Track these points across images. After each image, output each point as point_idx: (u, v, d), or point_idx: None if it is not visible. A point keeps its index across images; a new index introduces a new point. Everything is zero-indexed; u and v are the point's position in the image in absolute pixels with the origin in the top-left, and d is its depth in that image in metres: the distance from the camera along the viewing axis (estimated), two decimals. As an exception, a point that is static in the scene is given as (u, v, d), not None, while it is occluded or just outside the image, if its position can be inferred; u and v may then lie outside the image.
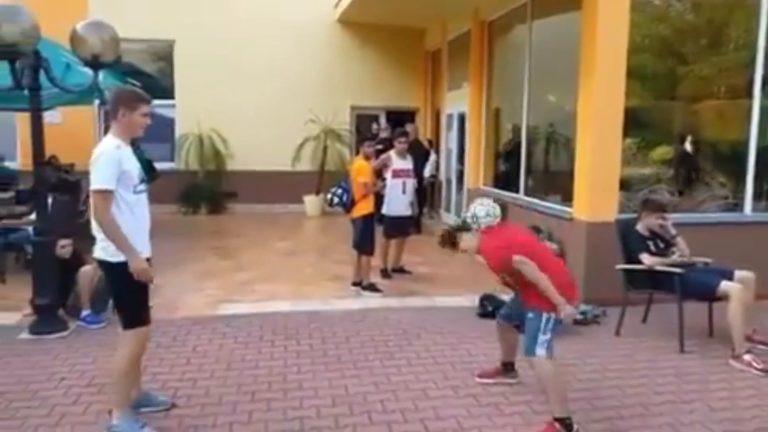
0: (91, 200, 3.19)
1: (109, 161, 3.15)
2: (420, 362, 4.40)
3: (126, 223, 3.19)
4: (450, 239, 3.77)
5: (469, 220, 3.67)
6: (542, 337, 3.36)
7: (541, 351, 3.35)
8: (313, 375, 4.15)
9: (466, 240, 3.70)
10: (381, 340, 4.85)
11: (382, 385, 4.00)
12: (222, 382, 4.02)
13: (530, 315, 3.43)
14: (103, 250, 3.22)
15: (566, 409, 3.35)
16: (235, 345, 4.71)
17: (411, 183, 6.99)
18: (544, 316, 3.37)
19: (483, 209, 3.65)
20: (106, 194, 3.13)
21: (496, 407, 3.70)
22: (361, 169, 6.35)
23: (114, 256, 3.19)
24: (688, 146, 6.99)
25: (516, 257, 3.40)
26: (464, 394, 3.88)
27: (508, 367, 4.06)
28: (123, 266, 3.17)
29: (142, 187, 3.34)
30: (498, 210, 3.68)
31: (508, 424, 3.49)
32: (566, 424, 3.30)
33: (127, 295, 3.27)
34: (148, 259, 3.35)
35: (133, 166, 3.28)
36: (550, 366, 3.36)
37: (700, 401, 3.83)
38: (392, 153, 6.96)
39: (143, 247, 3.31)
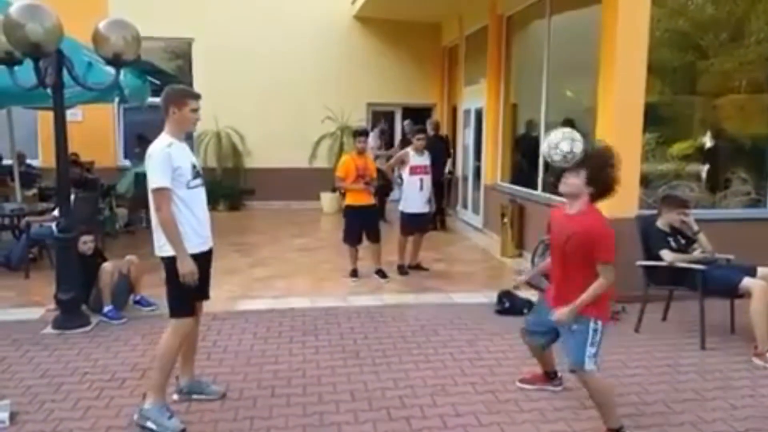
0: (150, 198, 3.32)
1: (160, 161, 3.27)
2: (438, 358, 4.40)
3: (183, 218, 3.33)
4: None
5: (568, 157, 3.16)
6: (591, 350, 3.15)
7: (591, 365, 3.15)
8: (332, 370, 4.17)
9: (571, 180, 3.20)
10: (399, 337, 4.85)
11: (400, 381, 4.01)
12: (242, 377, 4.06)
13: (575, 327, 3.18)
14: (160, 246, 3.36)
15: (618, 419, 3.25)
16: (254, 340, 4.75)
17: (428, 180, 6.98)
18: (592, 325, 3.16)
19: (580, 145, 3.16)
20: (163, 192, 3.27)
21: (516, 404, 3.69)
22: (341, 163, 6.74)
23: (168, 251, 3.33)
24: (708, 141, 6.90)
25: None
26: (483, 390, 3.87)
27: (550, 375, 3.89)
28: (174, 260, 3.31)
29: (197, 182, 3.44)
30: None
31: (527, 421, 3.48)
32: None
33: (175, 287, 3.36)
34: (210, 250, 3.56)
35: (185, 163, 3.37)
36: (602, 379, 3.23)
37: (723, 399, 3.79)
38: (409, 149, 6.96)
39: (203, 240, 3.47)
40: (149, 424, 3.31)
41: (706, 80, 6.83)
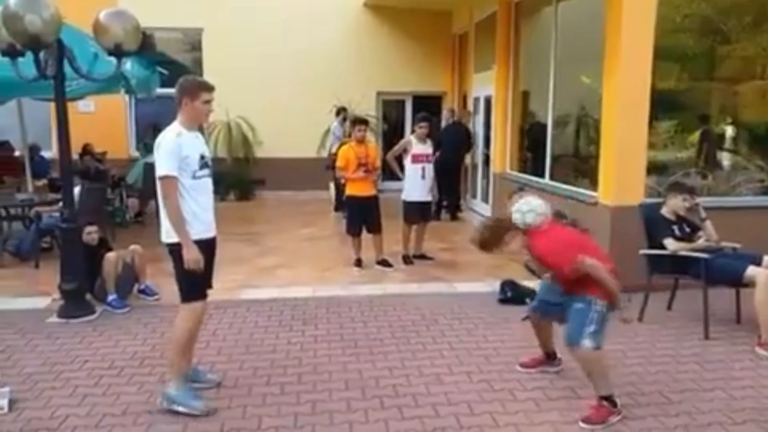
0: (158, 186, 3.38)
1: (169, 149, 3.34)
2: (436, 347, 4.39)
3: (186, 205, 3.40)
4: (494, 238, 3.61)
5: (516, 220, 3.52)
6: (588, 329, 3.28)
7: (587, 342, 3.26)
8: (329, 359, 4.18)
9: (510, 240, 3.59)
10: (398, 326, 4.85)
11: (396, 369, 4.01)
12: (239, 365, 4.09)
13: (579, 305, 3.34)
14: (166, 231, 3.43)
15: (610, 386, 3.36)
16: (254, 329, 4.78)
17: (430, 168, 6.93)
18: (594, 306, 3.30)
19: (532, 213, 3.49)
20: (170, 180, 3.34)
21: (510, 393, 3.67)
22: (340, 153, 6.78)
23: (173, 237, 3.40)
24: (726, 128, 6.75)
25: (582, 259, 3.29)
26: (478, 379, 3.86)
27: (550, 356, 3.99)
28: (179, 246, 3.37)
29: (204, 172, 3.50)
30: (547, 209, 3.55)
31: (520, 411, 3.46)
32: (612, 400, 3.34)
33: (185, 273, 3.40)
34: (213, 238, 3.61)
35: (194, 153, 3.44)
36: (593, 353, 3.30)
37: (722, 389, 3.73)
38: (412, 137, 6.92)
39: (206, 227, 3.53)
40: (180, 408, 3.40)
41: (727, 66, 6.64)
